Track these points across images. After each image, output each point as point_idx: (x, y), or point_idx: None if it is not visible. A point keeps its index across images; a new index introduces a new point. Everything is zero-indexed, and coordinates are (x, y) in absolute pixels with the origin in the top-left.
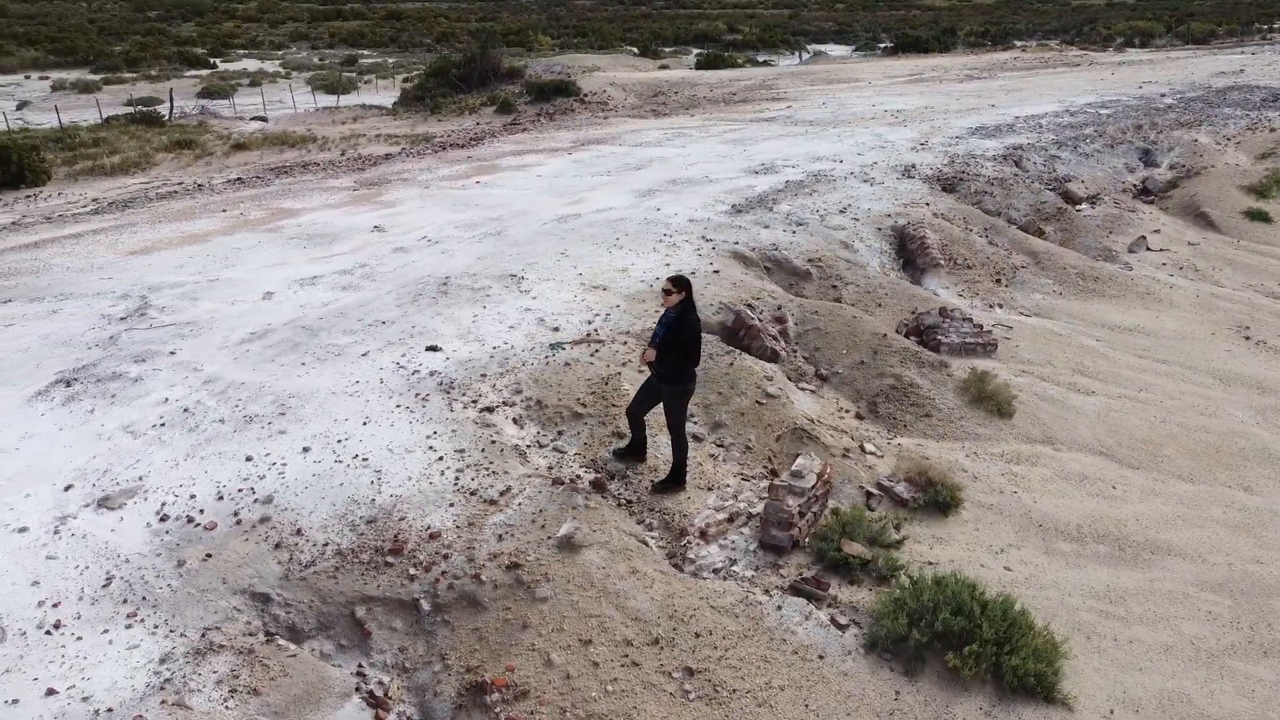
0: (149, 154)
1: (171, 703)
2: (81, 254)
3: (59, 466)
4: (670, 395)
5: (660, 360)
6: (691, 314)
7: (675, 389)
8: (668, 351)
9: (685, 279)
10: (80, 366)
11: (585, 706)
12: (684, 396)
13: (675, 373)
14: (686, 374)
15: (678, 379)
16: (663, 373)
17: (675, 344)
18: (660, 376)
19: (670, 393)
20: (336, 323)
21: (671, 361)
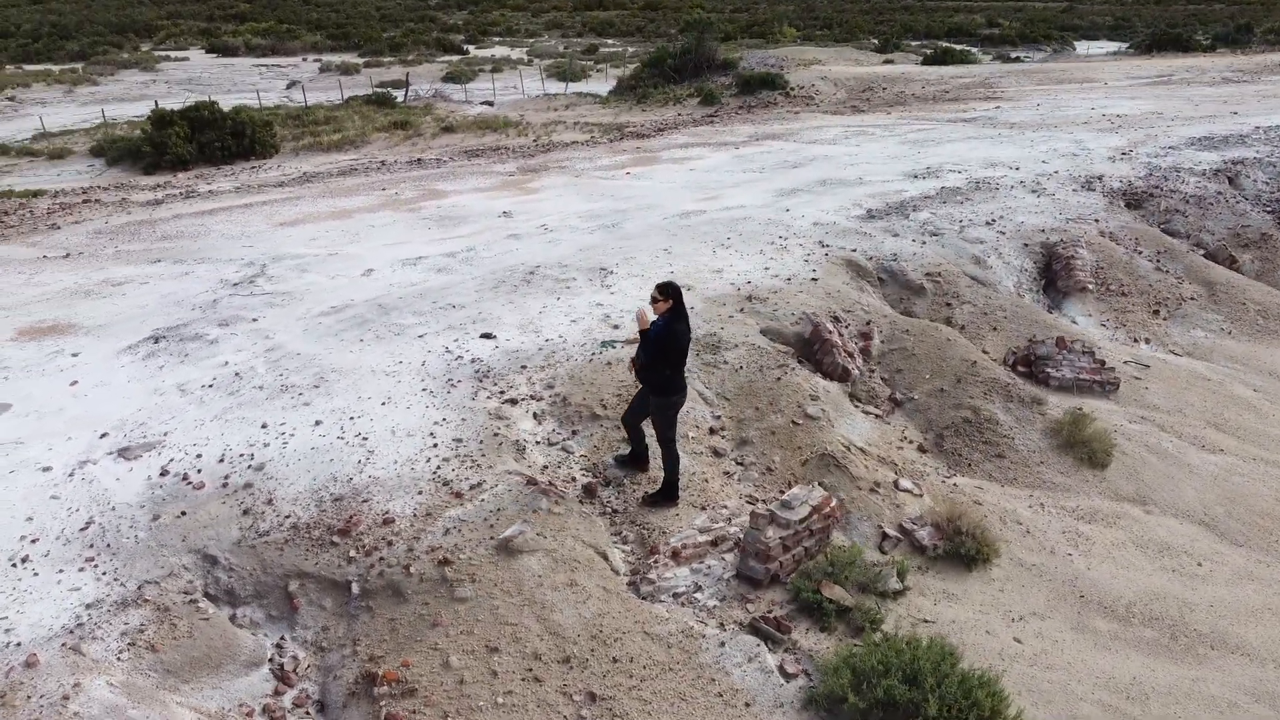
0: (366, 133)
1: (69, 646)
2: (240, 223)
3: (108, 415)
4: (656, 407)
5: (647, 370)
6: (678, 324)
7: (661, 401)
8: (655, 362)
9: (674, 286)
10: (174, 326)
11: (469, 715)
12: (671, 409)
13: (663, 384)
14: (673, 385)
15: (664, 390)
16: (650, 383)
17: (660, 355)
18: (648, 387)
19: (656, 404)
20: (412, 303)
21: (658, 372)
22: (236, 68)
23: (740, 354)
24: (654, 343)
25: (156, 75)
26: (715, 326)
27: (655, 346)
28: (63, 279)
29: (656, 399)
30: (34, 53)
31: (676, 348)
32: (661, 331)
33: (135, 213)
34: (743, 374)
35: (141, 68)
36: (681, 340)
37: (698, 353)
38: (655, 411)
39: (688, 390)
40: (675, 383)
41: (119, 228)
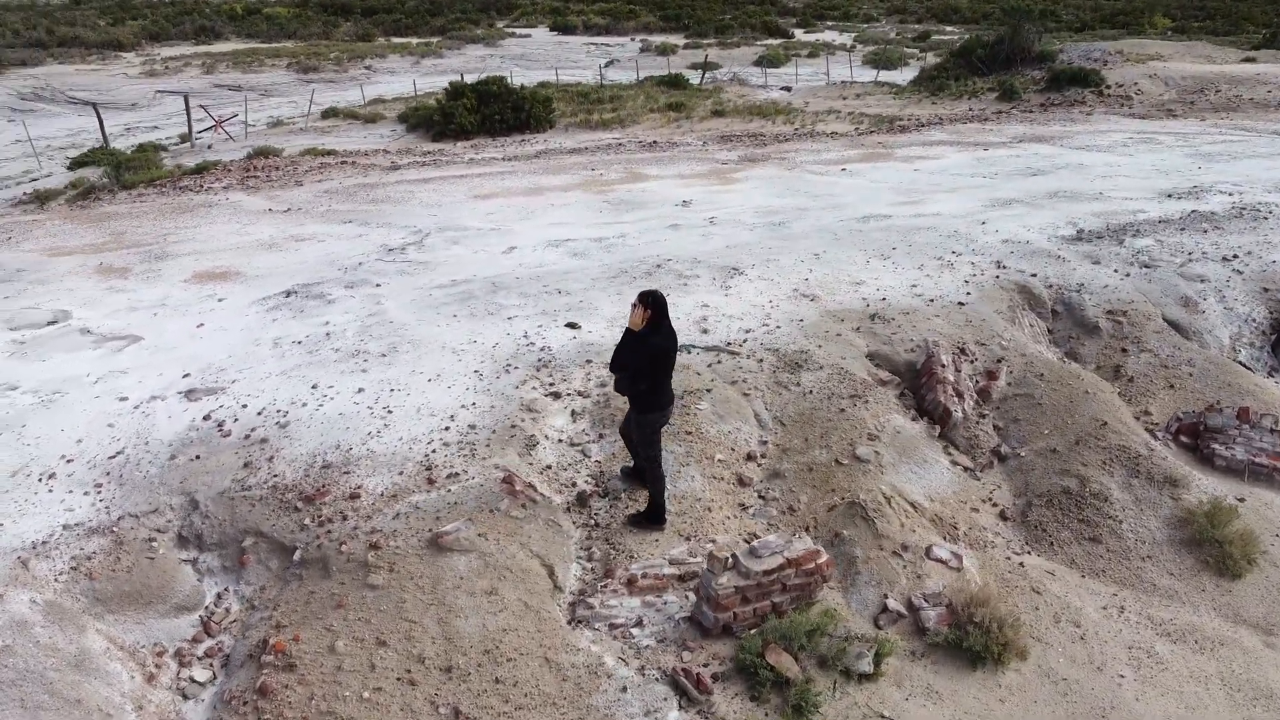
0: (638, 113)
1: (20, 560)
2: (444, 193)
3: (202, 358)
4: (636, 424)
5: (622, 381)
6: (655, 336)
7: (639, 417)
8: (629, 372)
9: (655, 296)
10: (310, 283)
11: (332, 703)
12: (648, 426)
13: (639, 399)
14: (653, 403)
15: (641, 406)
16: (629, 396)
17: (628, 364)
18: (630, 401)
19: (635, 420)
20: (525, 285)
21: (633, 385)
22: (568, 45)
23: (819, 377)
24: (623, 351)
25: (496, 50)
26: (812, 344)
27: (623, 355)
28: (265, 231)
29: (635, 415)
30: (404, 27)
31: (650, 361)
32: (637, 342)
33: (371, 176)
34: (810, 399)
35: (486, 43)
36: (657, 353)
37: (774, 370)
38: (635, 427)
39: (671, 410)
40: (654, 399)
41: (345, 188)
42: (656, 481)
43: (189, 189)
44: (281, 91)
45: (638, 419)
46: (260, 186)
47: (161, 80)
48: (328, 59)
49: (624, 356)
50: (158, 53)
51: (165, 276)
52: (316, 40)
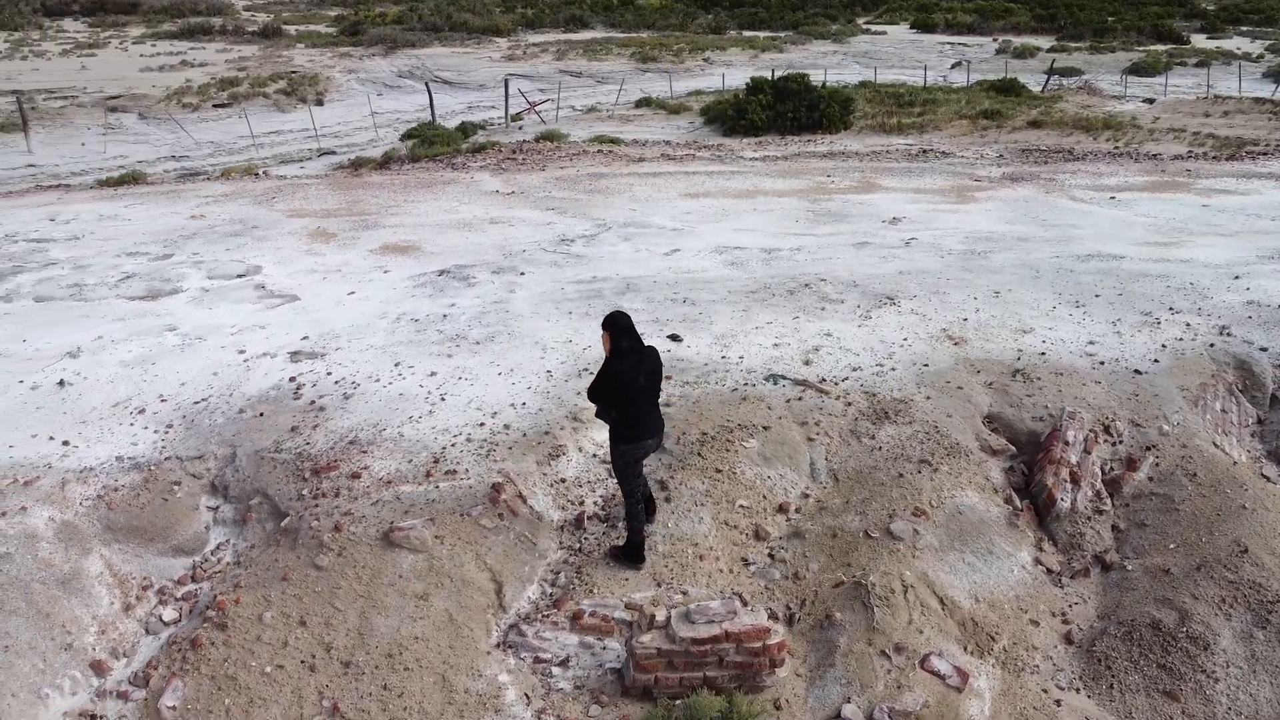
0: (944, 119)
1: (63, 481)
2: (658, 188)
3: (328, 323)
4: (611, 453)
5: (602, 412)
6: (617, 362)
7: (612, 448)
8: (595, 399)
9: (612, 319)
10: (465, 265)
11: (238, 669)
12: (621, 459)
13: (612, 430)
14: (623, 434)
15: (614, 438)
16: (605, 423)
17: (594, 391)
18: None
19: (611, 451)
20: (656, 290)
21: (603, 413)
22: (921, 44)
23: (901, 433)
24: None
25: (841, 47)
26: (921, 394)
27: (595, 381)
28: (473, 211)
29: (610, 444)
30: (759, 20)
31: (609, 387)
32: (602, 367)
33: (612, 166)
34: (876, 456)
35: (834, 39)
36: (616, 379)
37: (857, 417)
38: (611, 457)
39: (653, 443)
40: (625, 429)
41: (576, 177)
42: (632, 518)
43: (449, 166)
44: (616, 79)
45: (610, 448)
46: (509, 169)
47: (517, 65)
48: (670, 50)
49: (594, 384)
50: (526, 39)
51: (358, 245)
52: (670, 32)
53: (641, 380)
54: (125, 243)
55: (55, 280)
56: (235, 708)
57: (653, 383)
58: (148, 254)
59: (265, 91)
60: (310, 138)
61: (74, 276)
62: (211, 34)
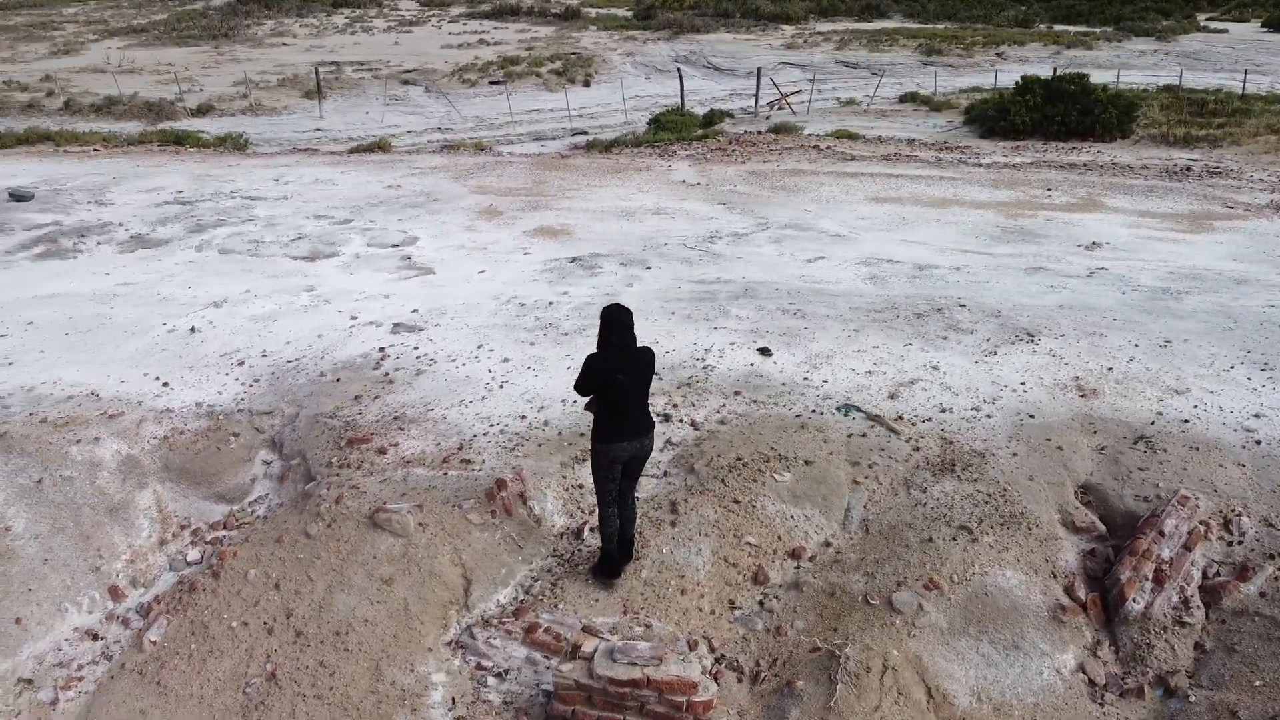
0: (1241, 134)
1: (140, 419)
2: (849, 190)
3: (443, 299)
4: (590, 451)
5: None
6: (595, 356)
7: (590, 445)
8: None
9: (607, 312)
10: (599, 254)
11: (212, 618)
12: (595, 458)
13: (593, 426)
14: (599, 433)
15: (592, 434)
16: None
17: (580, 382)
18: None
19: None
20: (774, 299)
21: (590, 409)
22: (1269, 46)
23: (958, 490)
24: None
25: (1163, 46)
26: (1006, 449)
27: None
28: (645, 200)
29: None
30: (1075, 14)
31: (593, 381)
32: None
33: (819, 164)
34: (916, 513)
35: (1157, 37)
36: (595, 376)
37: (917, 466)
38: (590, 456)
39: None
40: (602, 429)
41: (771, 172)
42: (602, 524)
43: (659, 154)
44: (894, 72)
45: (590, 447)
46: (712, 160)
47: (794, 53)
48: (961, 44)
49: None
50: (813, 27)
51: (516, 225)
52: (971, 24)
53: (620, 378)
54: (320, 206)
55: (242, 235)
56: (197, 654)
57: (637, 383)
58: (331, 218)
59: (539, 71)
60: (566, 117)
61: (259, 234)
62: (518, 15)
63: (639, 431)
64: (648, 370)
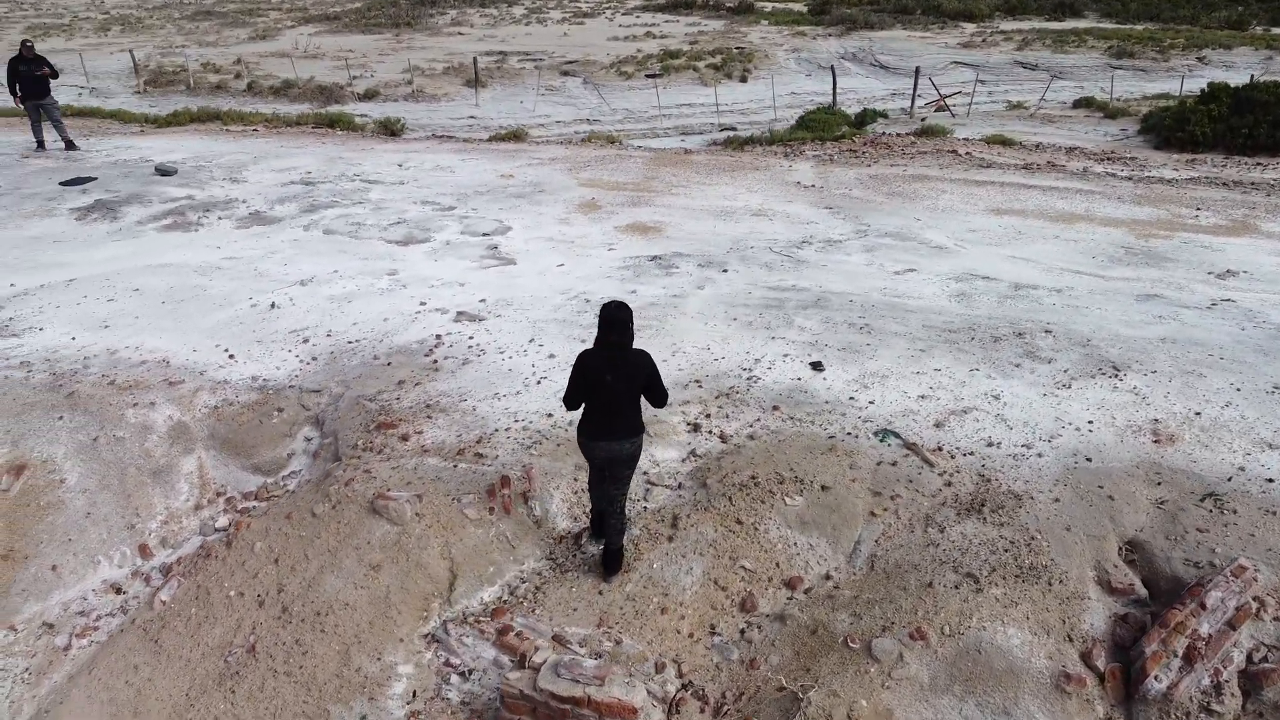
0: None
1: (198, 387)
2: (970, 199)
3: (513, 289)
4: None
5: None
6: (589, 349)
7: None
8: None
9: (605, 309)
10: (681, 254)
11: (214, 585)
12: (582, 452)
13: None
14: (581, 426)
15: (577, 426)
16: None
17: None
18: None
19: None
20: (844, 312)
21: (572, 404)
22: None
23: (977, 533)
24: None
25: None
26: (1049, 494)
27: None
28: (750, 201)
29: None
30: None
31: (578, 376)
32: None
33: (949, 171)
34: (926, 554)
35: None
36: (584, 371)
37: (943, 504)
38: None
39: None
40: (584, 424)
41: (890, 176)
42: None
43: (783, 154)
44: (1075, 75)
45: None
46: (838, 161)
47: (970, 53)
48: (1158, 45)
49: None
50: (996, 25)
51: (610, 220)
52: (1175, 25)
53: (608, 378)
54: (430, 192)
55: (349, 217)
56: (195, 618)
57: (628, 387)
58: (436, 204)
59: (696, 66)
60: (716, 113)
61: (365, 216)
62: (691, 9)
63: (616, 435)
64: (639, 374)
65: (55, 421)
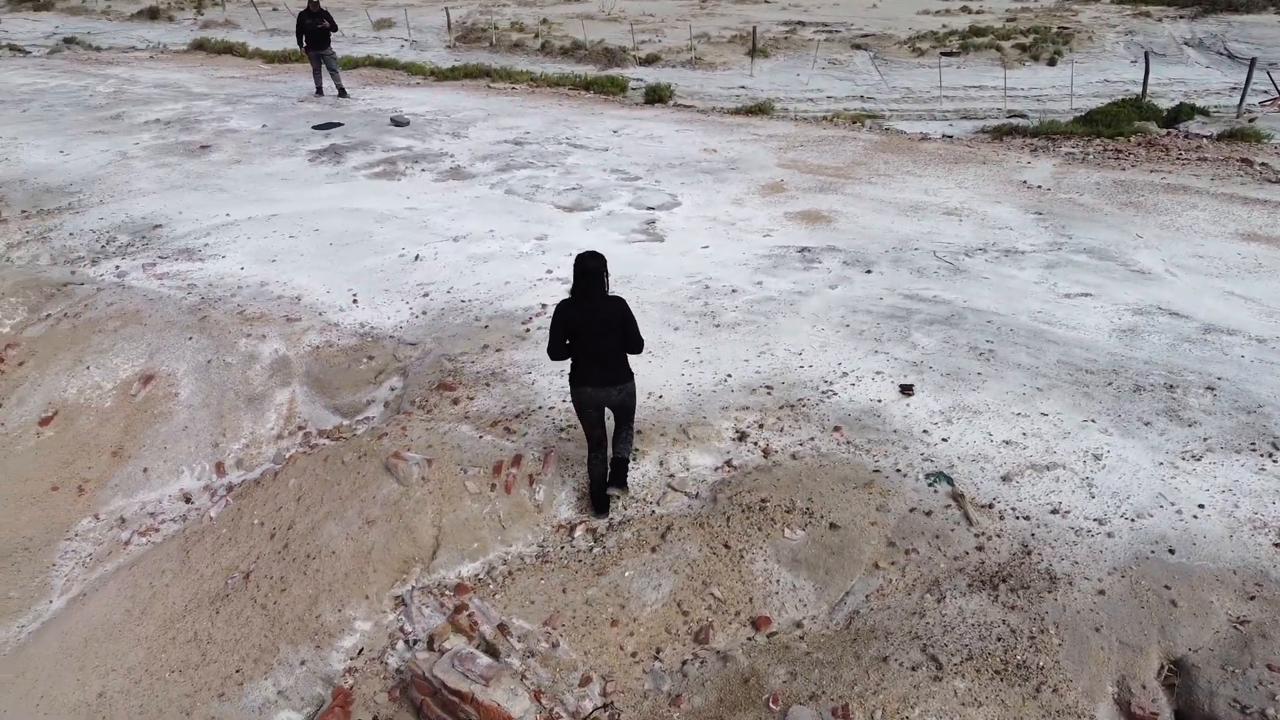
0: None
1: (304, 330)
2: (1220, 218)
3: (648, 268)
4: None
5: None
6: (569, 299)
7: None
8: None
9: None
10: (834, 248)
11: (246, 511)
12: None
13: None
14: (570, 374)
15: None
16: None
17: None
18: None
19: None
20: (968, 335)
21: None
22: None
23: (973, 613)
24: None
25: None
26: (1099, 583)
27: None
28: (951, 198)
29: None
30: None
31: (556, 325)
32: None
33: (1214, 182)
34: (909, 623)
35: None
36: (563, 318)
37: (961, 571)
38: None
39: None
40: (571, 371)
41: (1143, 183)
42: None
43: (1029, 149)
44: None
45: None
46: (1091, 161)
47: None
48: None
49: None
50: None
51: (785, 205)
52: None
53: (584, 323)
54: (625, 161)
55: (534, 180)
56: (222, 538)
57: (600, 333)
58: (624, 174)
59: (1000, 45)
60: (1005, 98)
61: (549, 180)
62: None
63: (604, 381)
64: (613, 320)
65: (186, 341)
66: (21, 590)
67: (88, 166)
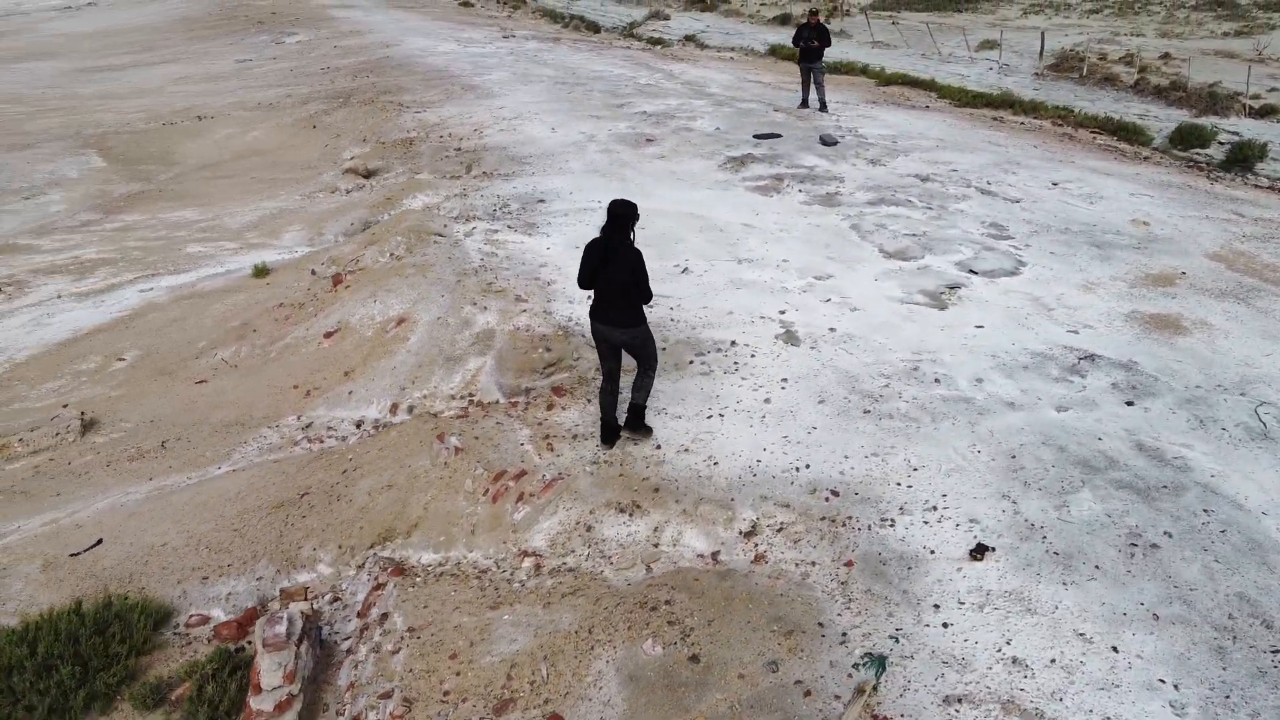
0: None
1: (525, 310)
2: None
3: (877, 333)
4: None
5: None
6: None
7: None
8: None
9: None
10: (1097, 358)
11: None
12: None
13: None
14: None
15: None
16: None
17: None
18: None
19: None
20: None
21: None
22: None
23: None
24: None
25: None
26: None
27: None
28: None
29: None
30: None
31: (585, 259)
32: None
33: None
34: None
35: None
36: (588, 257)
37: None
38: None
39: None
40: (591, 307)
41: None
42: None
43: None
44: None
45: None
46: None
47: None
48: None
49: None
50: None
51: (1143, 299)
52: None
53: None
54: (1021, 217)
55: (886, 218)
56: (327, 463)
57: (613, 277)
58: (998, 230)
59: None
60: None
61: (902, 223)
62: None
63: (611, 321)
64: (625, 267)
65: (440, 297)
66: (213, 452)
67: (557, 144)
